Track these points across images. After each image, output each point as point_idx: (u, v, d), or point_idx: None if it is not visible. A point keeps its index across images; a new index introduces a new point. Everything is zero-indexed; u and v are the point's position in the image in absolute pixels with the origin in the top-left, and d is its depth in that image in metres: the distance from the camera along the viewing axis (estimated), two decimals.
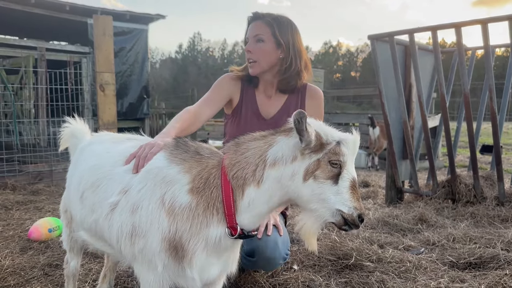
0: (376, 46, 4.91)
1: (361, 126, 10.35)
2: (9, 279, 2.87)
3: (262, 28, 2.44)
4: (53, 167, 6.79)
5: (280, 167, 1.55)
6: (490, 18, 4.17)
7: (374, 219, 4.29)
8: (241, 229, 1.58)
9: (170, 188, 1.58)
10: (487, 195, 4.62)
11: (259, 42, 2.43)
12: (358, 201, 1.52)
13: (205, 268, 1.60)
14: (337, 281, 2.80)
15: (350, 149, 1.54)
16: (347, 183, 1.51)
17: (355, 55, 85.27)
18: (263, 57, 2.44)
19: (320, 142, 1.53)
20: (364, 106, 31.23)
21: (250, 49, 2.45)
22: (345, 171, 1.52)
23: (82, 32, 11.90)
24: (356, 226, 1.52)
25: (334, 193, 1.50)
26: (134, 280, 2.78)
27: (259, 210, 1.59)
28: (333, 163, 1.51)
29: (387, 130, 5.09)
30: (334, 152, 1.52)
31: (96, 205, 1.76)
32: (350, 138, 1.57)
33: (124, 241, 1.61)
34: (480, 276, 2.82)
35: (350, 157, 1.54)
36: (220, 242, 1.57)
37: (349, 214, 1.49)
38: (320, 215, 1.52)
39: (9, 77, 9.62)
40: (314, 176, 1.51)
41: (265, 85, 2.61)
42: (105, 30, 5.25)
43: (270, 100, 2.63)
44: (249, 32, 2.48)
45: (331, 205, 1.50)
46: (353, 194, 1.51)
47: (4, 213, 4.81)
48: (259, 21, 2.47)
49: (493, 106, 4.28)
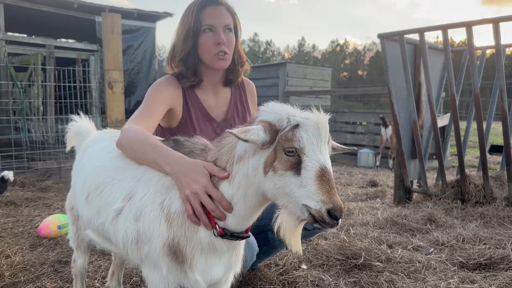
0: (386, 45, 4.88)
1: (369, 125, 10.31)
2: (20, 275, 2.89)
3: (228, 16, 2.17)
4: (61, 164, 6.84)
5: (245, 162, 1.46)
6: (502, 17, 4.13)
7: (382, 219, 4.27)
8: (222, 228, 1.51)
9: (168, 194, 1.58)
10: (496, 196, 4.59)
11: (229, 32, 2.17)
12: (328, 194, 1.28)
13: (208, 270, 1.60)
14: (346, 281, 2.79)
15: (310, 132, 1.33)
16: (311, 173, 1.30)
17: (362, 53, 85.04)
18: (232, 48, 2.20)
19: (274, 129, 1.37)
20: (371, 105, 31.15)
21: (225, 40, 2.13)
22: (307, 159, 1.31)
23: (90, 30, 11.95)
24: (326, 223, 1.29)
25: (297, 186, 1.31)
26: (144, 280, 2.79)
27: (238, 209, 1.50)
28: (288, 151, 1.33)
29: (396, 129, 5.07)
30: (286, 138, 1.33)
31: (102, 209, 1.77)
32: (310, 119, 1.35)
33: (131, 246, 1.63)
34: (490, 277, 2.80)
35: (314, 141, 1.33)
36: (213, 244, 1.55)
37: (316, 210, 1.28)
38: (290, 212, 1.36)
39: (18, 75, 9.67)
40: (273, 168, 1.36)
41: (214, 81, 2.33)
42: (114, 28, 5.26)
43: (217, 97, 2.37)
44: (215, 19, 2.13)
45: (297, 200, 1.31)
46: (322, 185, 1.28)
47: (13, 209, 4.85)
48: (223, 7, 2.18)
49: (504, 107, 4.24)
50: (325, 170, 1.31)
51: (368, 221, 4.20)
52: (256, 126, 1.39)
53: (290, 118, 1.36)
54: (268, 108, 1.46)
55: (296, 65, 14.56)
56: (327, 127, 1.36)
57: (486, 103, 5.66)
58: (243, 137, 1.35)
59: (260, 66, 15.13)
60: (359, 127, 10.67)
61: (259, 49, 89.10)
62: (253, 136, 1.36)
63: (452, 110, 4.69)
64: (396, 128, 5.08)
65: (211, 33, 2.12)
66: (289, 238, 1.41)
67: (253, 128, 1.37)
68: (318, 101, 14.37)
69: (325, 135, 1.35)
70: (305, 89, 13.94)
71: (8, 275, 2.87)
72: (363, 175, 7.83)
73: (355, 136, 10.55)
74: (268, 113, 1.43)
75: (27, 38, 11.78)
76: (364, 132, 10.42)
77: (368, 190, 6.15)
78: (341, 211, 1.28)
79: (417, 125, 4.94)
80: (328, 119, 1.40)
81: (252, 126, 1.39)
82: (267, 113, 1.43)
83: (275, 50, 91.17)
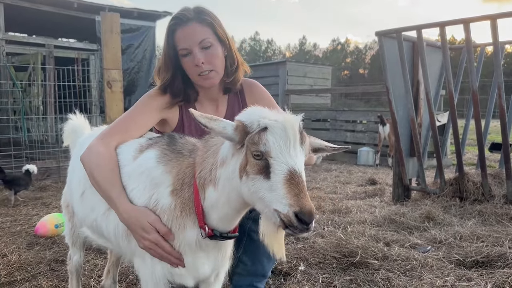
0: (384, 42, 4.87)
1: (369, 123, 10.29)
2: (16, 274, 2.90)
3: (202, 31, 1.99)
4: (60, 164, 6.85)
5: (226, 166, 1.42)
6: (500, 14, 4.12)
7: (380, 217, 4.26)
8: (211, 229, 1.51)
9: (157, 190, 1.59)
10: (495, 193, 4.58)
11: (207, 49, 1.99)
12: (296, 197, 1.23)
13: (195, 267, 1.62)
14: (342, 279, 2.79)
15: (277, 134, 1.28)
16: (279, 177, 1.26)
17: (364, 52, 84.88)
18: (217, 62, 2.03)
19: (246, 131, 1.34)
20: (372, 103, 31.10)
21: (202, 60, 1.97)
22: (275, 162, 1.27)
23: (90, 29, 11.94)
24: (294, 228, 1.23)
25: (268, 190, 1.28)
26: None
27: (224, 212, 1.49)
28: (255, 154, 1.30)
29: (395, 127, 5.06)
30: (252, 141, 1.31)
31: (95, 205, 1.80)
32: (277, 121, 1.31)
33: (121, 238, 1.66)
34: (487, 275, 2.79)
35: (281, 143, 1.28)
36: (200, 243, 1.55)
37: (284, 214, 1.23)
38: (267, 217, 1.33)
39: (17, 74, 9.68)
40: (246, 172, 1.33)
41: (211, 93, 2.21)
42: (113, 27, 5.25)
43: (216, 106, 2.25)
44: (187, 41, 1.97)
45: (269, 204, 1.28)
46: (290, 188, 1.24)
47: (11, 208, 4.86)
48: (193, 23, 1.99)
49: (502, 104, 4.23)
50: (293, 173, 1.27)
51: (366, 219, 4.19)
52: (228, 121, 1.38)
53: (260, 121, 1.32)
54: (250, 110, 1.43)
55: (296, 63, 14.56)
56: (296, 128, 1.31)
57: (486, 100, 5.64)
58: (203, 122, 1.34)
59: (260, 64, 15.12)
60: (359, 125, 10.66)
61: (260, 48, 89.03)
62: (216, 126, 1.34)
63: (451, 108, 4.68)
64: (394, 126, 5.07)
65: (188, 56, 2.00)
66: (271, 244, 1.37)
67: (223, 121, 1.36)
68: (318, 100, 14.37)
69: (293, 137, 1.30)
70: (305, 88, 13.93)
71: (4, 274, 2.87)
72: (363, 173, 7.83)
73: (355, 134, 10.54)
74: (246, 114, 1.40)
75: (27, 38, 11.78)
76: (364, 131, 10.40)
77: (367, 188, 6.14)
78: (309, 215, 1.22)
79: (415, 123, 4.93)
80: (300, 120, 1.36)
81: (222, 119, 1.39)
82: (246, 114, 1.41)
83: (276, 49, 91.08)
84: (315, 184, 6.55)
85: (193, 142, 1.70)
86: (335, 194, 5.77)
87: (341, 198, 5.45)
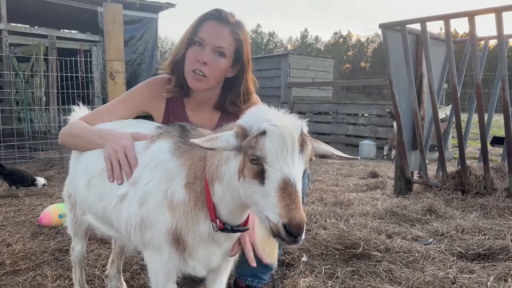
0: (388, 35, 4.85)
1: (371, 116, 10.28)
2: (20, 263, 2.92)
3: (228, 39, 1.98)
4: (63, 154, 6.86)
5: (229, 164, 1.41)
6: (505, 6, 4.09)
7: (382, 209, 4.27)
8: (222, 223, 1.51)
9: (172, 182, 1.59)
10: (497, 187, 4.59)
11: (220, 56, 1.98)
12: (287, 208, 1.19)
13: (207, 258, 1.63)
14: (344, 270, 2.80)
15: (275, 140, 1.24)
16: (273, 184, 1.23)
17: (365, 45, 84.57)
18: (216, 73, 2.00)
19: (246, 135, 1.31)
20: (374, 97, 31.04)
21: (206, 60, 1.95)
22: (270, 168, 1.24)
23: (92, 21, 11.92)
24: (281, 239, 1.21)
25: (261, 196, 1.26)
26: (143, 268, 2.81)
27: (230, 208, 1.49)
28: (251, 159, 1.27)
29: (398, 120, 5.06)
30: (250, 145, 1.27)
31: (105, 194, 1.79)
32: (277, 127, 1.26)
33: (134, 231, 1.65)
34: (489, 267, 2.80)
35: (278, 150, 1.24)
36: (212, 236, 1.56)
37: (274, 224, 1.22)
38: (261, 221, 1.32)
39: (20, 65, 9.68)
40: (243, 175, 1.31)
41: (199, 100, 2.16)
42: (115, 18, 5.24)
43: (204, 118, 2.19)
44: (209, 36, 1.96)
45: (261, 210, 1.27)
46: (282, 198, 1.21)
47: (15, 199, 4.88)
48: (226, 27, 1.98)
49: (506, 97, 4.22)
50: (287, 182, 1.22)
51: (368, 212, 4.20)
52: (227, 132, 1.37)
53: (260, 125, 1.29)
54: (251, 111, 1.41)
55: (298, 56, 14.51)
56: (295, 135, 1.26)
57: (489, 94, 5.63)
58: (207, 146, 1.31)
59: (262, 57, 15.08)
60: (361, 118, 10.64)
61: (262, 40, 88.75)
62: (220, 143, 1.32)
63: (454, 101, 4.67)
64: (397, 119, 5.07)
65: (198, 48, 1.97)
66: (263, 246, 1.38)
67: (222, 135, 1.34)
68: (320, 93, 14.34)
69: (292, 144, 1.25)
70: (307, 81, 13.90)
71: (9, 263, 2.90)
72: (365, 166, 7.83)
73: (357, 127, 10.53)
74: (247, 117, 1.38)
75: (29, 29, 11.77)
76: (365, 124, 10.39)
77: (368, 181, 6.15)
78: (298, 228, 1.18)
79: (418, 116, 4.92)
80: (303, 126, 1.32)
81: (221, 133, 1.36)
82: (246, 117, 1.39)
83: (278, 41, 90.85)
84: (317, 176, 6.56)
85: (205, 134, 1.69)
86: (337, 187, 5.78)
87: (343, 191, 5.46)
